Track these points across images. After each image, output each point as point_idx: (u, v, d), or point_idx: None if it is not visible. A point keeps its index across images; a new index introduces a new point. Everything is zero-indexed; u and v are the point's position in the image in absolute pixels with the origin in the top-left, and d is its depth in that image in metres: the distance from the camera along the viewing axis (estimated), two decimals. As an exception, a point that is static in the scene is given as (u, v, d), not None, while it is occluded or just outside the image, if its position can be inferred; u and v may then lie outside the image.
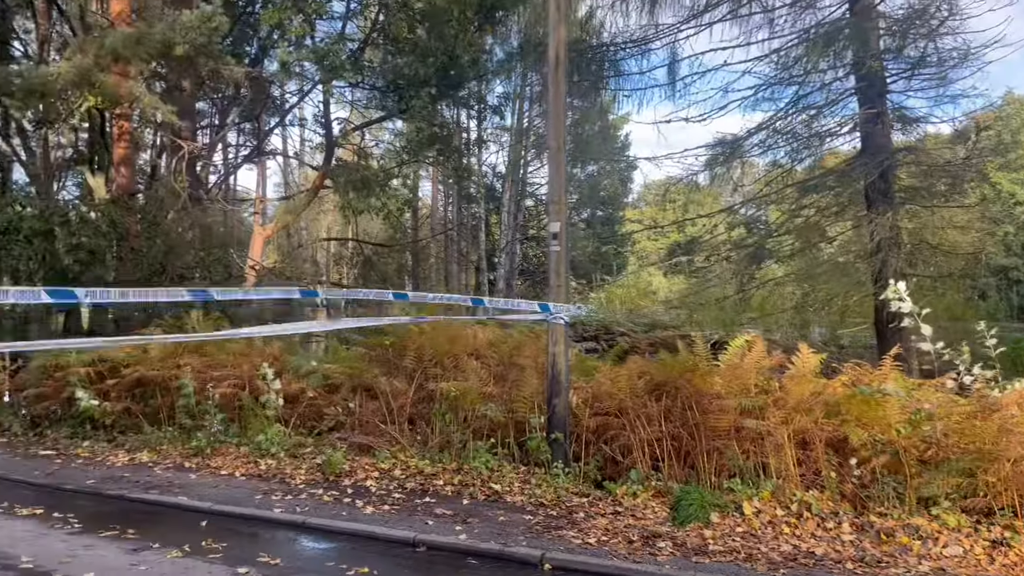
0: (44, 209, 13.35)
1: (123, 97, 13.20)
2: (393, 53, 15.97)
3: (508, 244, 24.75)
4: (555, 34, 8.36)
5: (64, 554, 5.80)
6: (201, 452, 9.03)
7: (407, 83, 15.07)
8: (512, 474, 7.94)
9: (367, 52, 16.78)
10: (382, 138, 23.80)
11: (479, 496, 7.43)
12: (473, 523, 6.61)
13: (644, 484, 7.42)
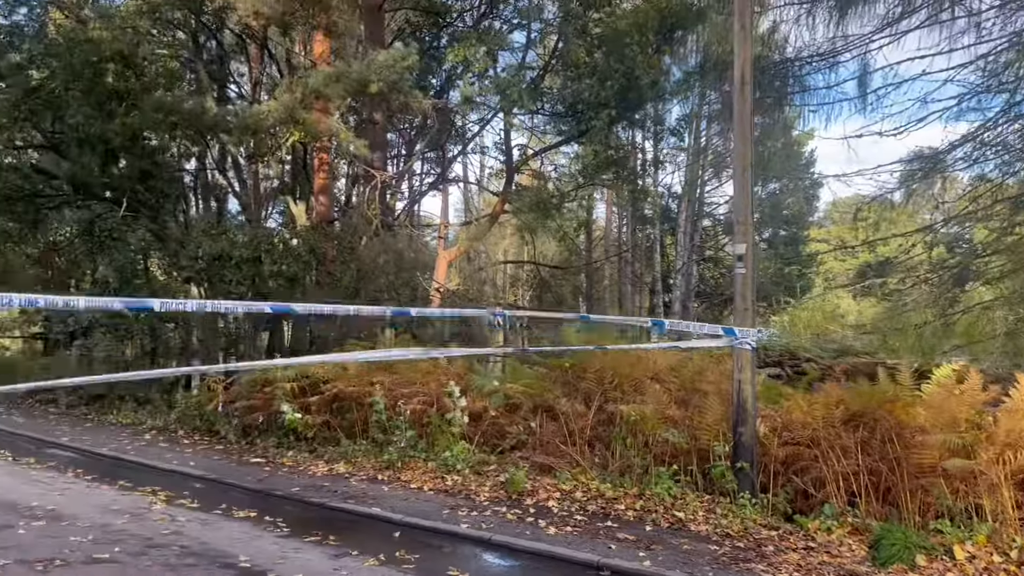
0: (253, 238, 14.61)
1: (323, 132, 14.26)
2: (572, 78, 16.23)
3: (684, 265, 24.30)
4: (740, 51, 8.20)
5: (276, 555, 6.29)
6: (392, 465, 9.51)
7: (585, 107, 15.25)
8: (696, 502, 7.77)
9: (546, 79, 17.16)
10: (558, 161, 24.18)
11: (662, 523, 7.33)
12: (657, 550, 6.53)
13: (839, 519, 7.04)
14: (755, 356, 8.18)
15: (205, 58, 17.82)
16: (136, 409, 14.69)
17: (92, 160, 15.15)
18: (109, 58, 13.70)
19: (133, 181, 15.58)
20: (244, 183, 19.20)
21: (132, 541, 6.51)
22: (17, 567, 5.72)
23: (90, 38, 13.84)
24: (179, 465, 10.09)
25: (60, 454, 11.11)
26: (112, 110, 14.21)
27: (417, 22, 18.75)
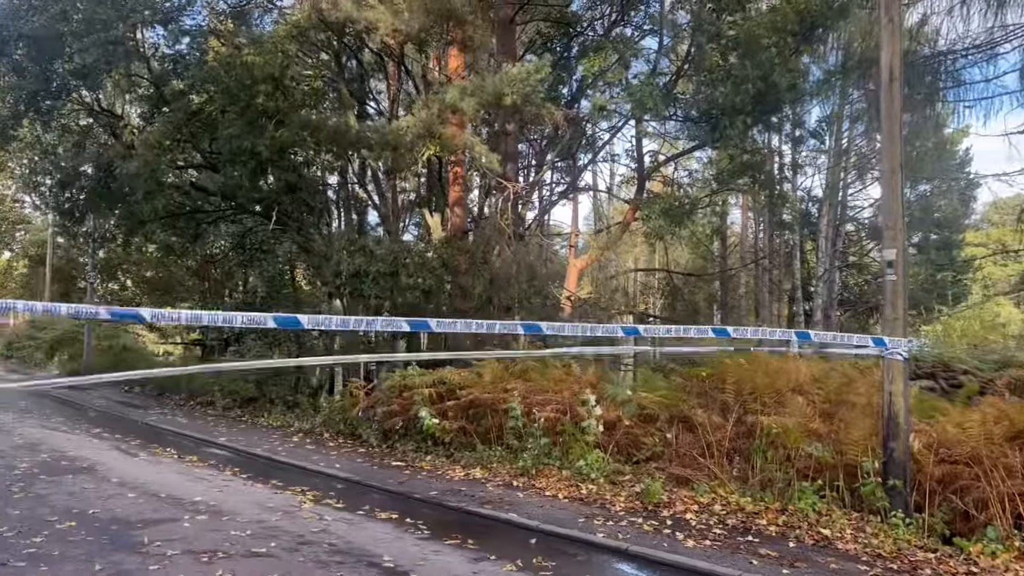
0: (390, 252, 15.15)
1: (458, 146, 14.63)
2: (705, 83, 15.94)
3: (826, 272, 23.27)
4: (888, 46, 7.82)
5: (418, 557, 6.48)
6: (527, 472, 9.60)
7: (720, 112, 14.94)
8: (843, 520, 7.42)
9: (679, 84, 16.93)
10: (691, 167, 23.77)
11: (806, 540, 7.05)
12: (802, 567, 6.29)
13: (1004, 543, 6.54)
14: (907, 367, 7.74)
15: (346, 77, 18.67)
16: (285, 412, 15.50)
17: (244, 173, 16.15)
18: (261, 80, 14.58)
19: (280, 195, 16.49)
20: (383, 196, 19.94)
21: (286, 537, 6.88)
22: (184, 557, 6.15)
23: (244, 62, 14.79)
24: (325, 467, 10.56)
25: (218, 453, 11.88)
26: (263, 128, 15.12)
27: (548, 33, 18.93)
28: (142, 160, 15.60)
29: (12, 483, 8.71)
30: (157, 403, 17.95)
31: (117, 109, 20.94)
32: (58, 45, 15.81)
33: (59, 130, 20.23)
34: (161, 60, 18.34)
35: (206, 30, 18.20)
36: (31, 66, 16.51)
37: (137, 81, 19.28)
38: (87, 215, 21.56)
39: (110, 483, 8.96)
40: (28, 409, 15.95)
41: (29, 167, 23.99)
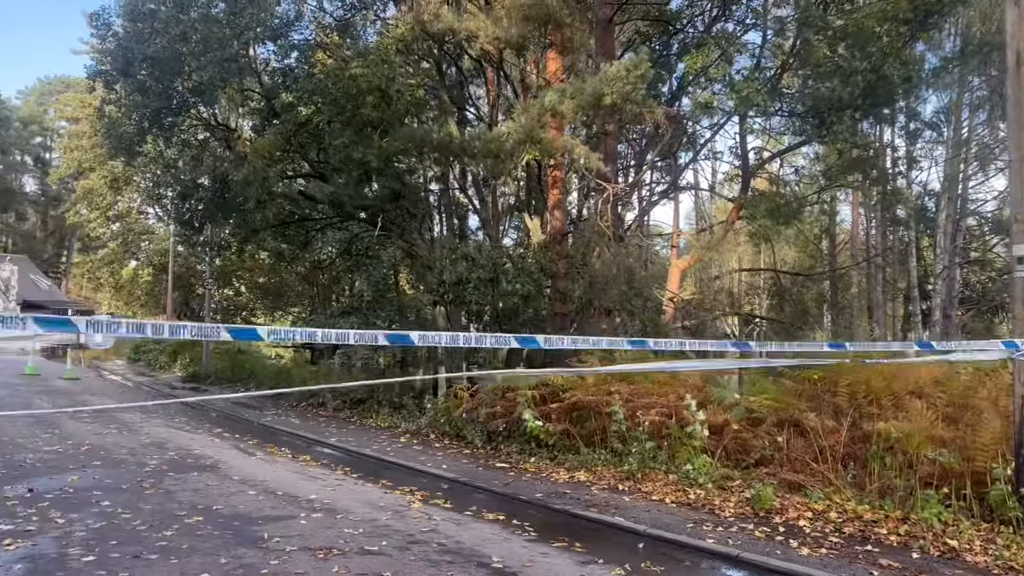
0: (490, 259, 15.30)
1: (558, 149, 14.65)
2: (812, 77, 15.42)
3: (945, 269, 22.08)
4: (1015, 28, 7.36)
5: (526, 558, 6.52)
6: (632, 476, 9.51)
7: (827, 106, 14.42)
8: (971, 530, 7.03)
9: (784, 78, 16.44)
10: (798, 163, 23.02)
11: (931, 551, 6.71)
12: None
13: None
14: (1040, 370, 7.27)
15: (447, 84, 19.00)
16: (392, 413, 15.86)
17: (350, 182, 16.65)
18: (367, 91, 15.00)
19: (385, 202, 16.90)
20: (483, 200, 20.18)
21: (396, 536, 7.04)
22: (302, 553, 6.38)
23: (351, 75, 15.25)
24: (432, 467, 10.76)
25: (330, 452, 12.28)
26: (368, 137, 15.54)
27: (647, 32, 18.75)
28: (251, 168, 16.29)
29: (143, 479, 9.26)
30: (272, 404, 18.68)
31: (231, 123, 21.96)
32: (178, 65, 16.71)
33: (179, 145, 21.36)
34: (271, 74, 19.13)
35: (313, 44, 18.87)
36: (154, 85, 17.51)
37: (249, 95, 20.18)
38: (205, 225, 22.68)
39: (231, 480, 9.40)
40: (154, 410, 16.89)
41: (153, 180, 25.45)
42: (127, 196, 44.72)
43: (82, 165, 52.83)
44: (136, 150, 20.42)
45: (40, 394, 19.11)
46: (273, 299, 32.21)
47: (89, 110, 48.96)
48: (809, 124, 15.91)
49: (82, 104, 60.06)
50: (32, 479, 9.04)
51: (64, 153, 69.41)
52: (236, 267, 31.77)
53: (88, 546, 6.35)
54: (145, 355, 33.48)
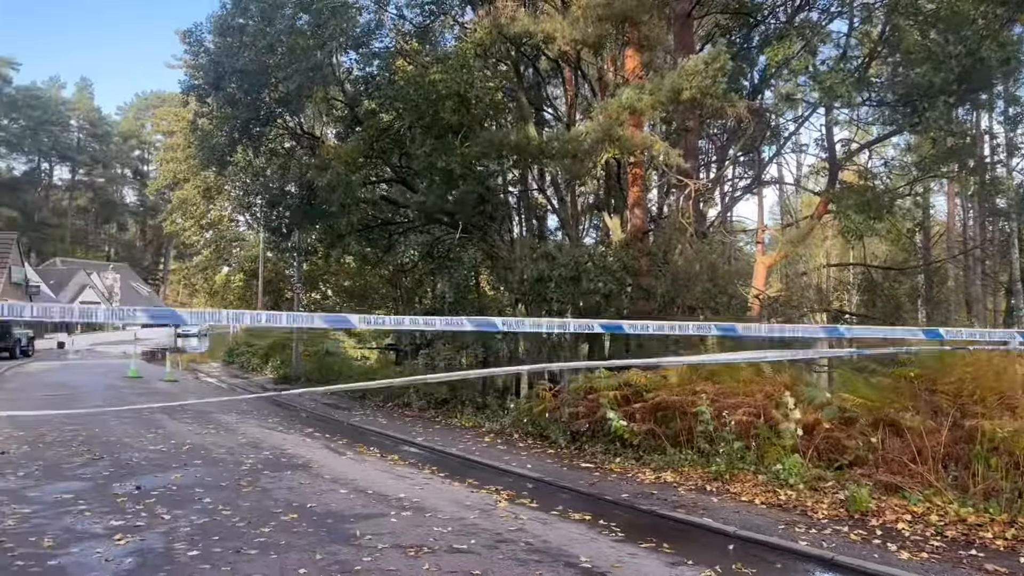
0: (571, 258, 15.27)
1: (637, 146, 14.53)
2: (902, 64, 14.86)
3: (1050, 261, 20.97)
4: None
5: (614, 559, 6.50)
6: (720, 476, 9.37)
7: (919, 94, 13.87)
8: (1085, 536, 6.67)
9: (871, 67, 15.89)
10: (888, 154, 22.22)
11: (1042, 557, 6.40)
12: (1037, 587, 5.72)
13: None
14: None
15: (524, 85, 19.08)
16: (475, 413, 16.05)
17: (434, 189, 16.91)
18: (446, 96, 15.21)
19: (468, 206, 17.10)
20: (562, 200, 20.18)
21: (484, 535, 7.13)
22: (393, 551, 6.53)
23: (430, 80, 15.49)
24: (516, 467, 10.83)
25: (416, 452, 12.50)
26: (449, 143, 15.75)
27: (727, 25, 18.41)
28: (335, 172, 16.72)
29: (240, 478, 9.63)
30: (359, 405, 19.13)
31: (316, 131, 22.59)
32: (265, 77, 17.31)
33: (267, 154, 22.12)
34: (354, 82, 19.61)
35: (393, 51, 19.26)
36: (243, 97, 18.19)
37: (333, 103, 20.74)
38: (292, 231, 23.39)
39: (323, 479, 9.68)
40: (248, 410, 17.53)
41: (242, 189, 26.42)
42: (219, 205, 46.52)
43: (177, 176, 55.24)
44: (227, 160, 21.24)
45: (142, 395, 20.06)
46: (358, 302, 32.94)
47: (183, 123, 51.16)
48: (900, 113, 15.35)
49: (176, 117, 62.79)
50: (139, 477, 9.52)
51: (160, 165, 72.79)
52: (323, 271, 32.66)
53: (192, 541, 6.65)
54: (238, 358, 34.73)
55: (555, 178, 19.69)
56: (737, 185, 22.83)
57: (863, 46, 16.49)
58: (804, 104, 16.29)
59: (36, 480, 9.27)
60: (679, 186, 16.00)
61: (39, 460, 10.55)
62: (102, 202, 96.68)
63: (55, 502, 8.11)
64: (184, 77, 26.56)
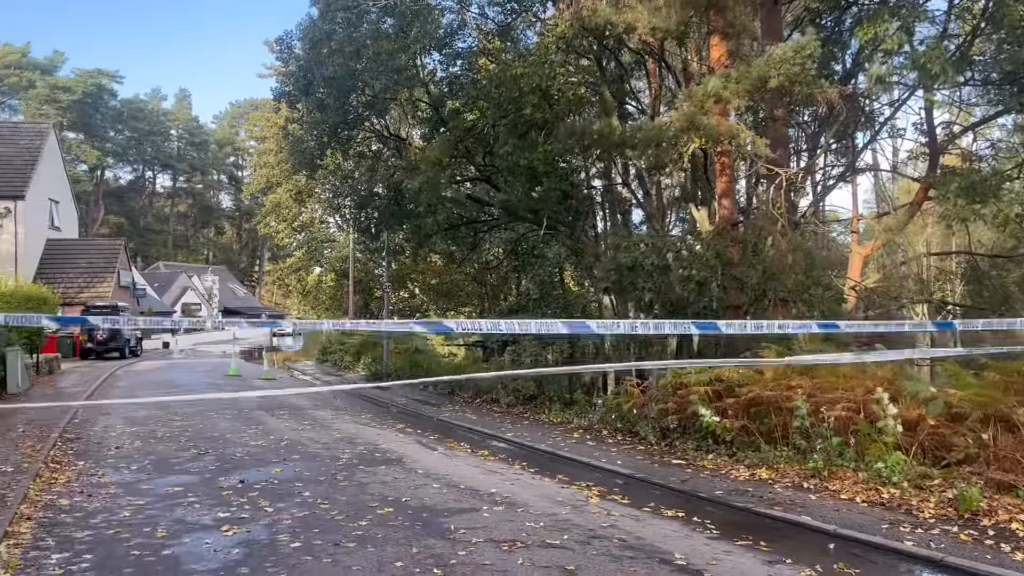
0: (660, 247, 15.08)
1: (722, 135, 14.22)
2: (1007, 41, 14.07)
3: None
4: None
5: (709, 556, 6.41)
6: (818, 474, 9.10)
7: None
8: None
9: (974, 45, 15.11)
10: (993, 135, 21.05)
11: None
12: None
13: None
14: None
15: (607, 79, 18.94)
16: (563, 409, 16.04)
17: (518, 186, 16.99)
18: (528, 92, 15.24)
19: (552, 202, 17.11)
20: (647, 194, 19.97)
21: (577, 531, 7.13)
22: (487, 545, 6.60)
23: (512, 75, 15.56)
24: (607, 463, 10.78)
25: (505, 447, 12.59)
26: (532, 140, 15.78)
27: (816, 8, 17.81)
28: (425, 176, 16.98)
29: (337, 472, 9.90)
30: (448, 401, 19.40)
31: (402, 132, 23.02)
32: (352, 81, 17.74)
33: (355, 157, 22.66)
34: (438, 83, 19.89)
35: (476, 51, 19.42)
36: (332, 102, 18.69)
37: (418, 105, 21.08)
38: (381, 231, 23.90)
39: (416, 474, 9.86)
40: (342, 407, 18.00)
41: (332, 191, 27.14)
42: (310, 207, 47.85)
43: (270, 180, 57.08)
44: (317, 164, 21.87)
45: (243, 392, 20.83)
46: (445, 300, 33.40)
47: (275, 129, 52.85)
48: (1006, 92, 14.55)
49: (268, 123, 64.90)
50: (242, 471, 9.90)
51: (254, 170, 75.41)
52: (410, 270, 33.24)
53: (294, 533, 6.88)
54: (331, 356, 35.67)
55: (639, 171, 19.49)
56: (830, 173, 22.07)
57: (964, 23, 15.70)
58: (900, 87, 15.63)
59: (148, 474, 9.75)
60: (769, 176, 15.59)
61: (151, 455, 11.10)
62: (200, 207, 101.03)
63: (166, 495, 8.52)
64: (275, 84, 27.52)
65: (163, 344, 47.56)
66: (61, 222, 40.19)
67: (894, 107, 18.54)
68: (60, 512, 7.64)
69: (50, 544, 6.52)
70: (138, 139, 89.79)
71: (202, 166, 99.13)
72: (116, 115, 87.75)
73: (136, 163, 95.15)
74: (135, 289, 45.63)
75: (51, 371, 24.24)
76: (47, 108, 77.02)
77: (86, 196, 78.88)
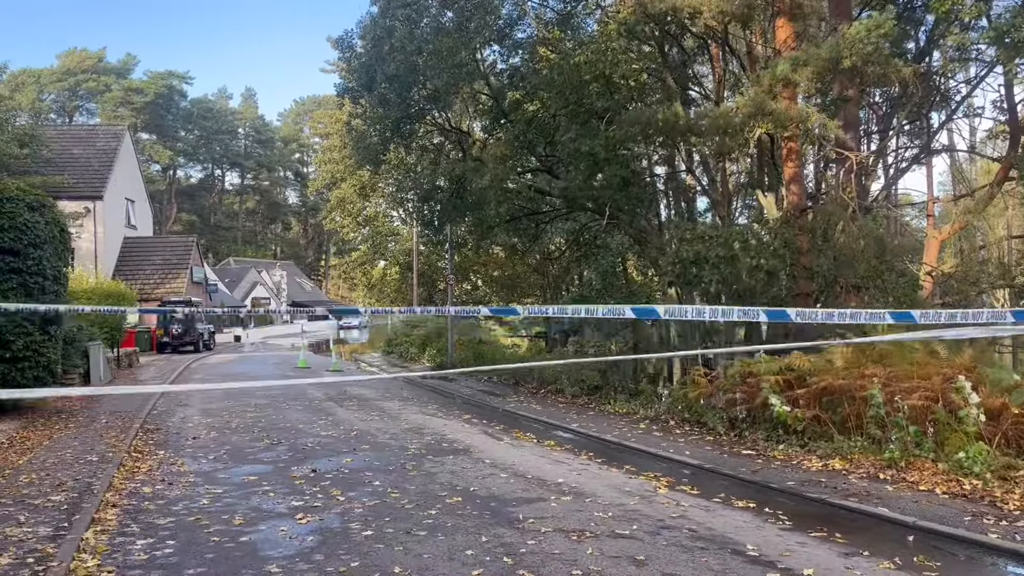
0: (727, 237, 14.81)
1: (791, 119, 13.88)
2: (1094, 10, 13.38)
3: None
4: None
5: (782, 548, 6.29)
6: (895, 464, 8.85)
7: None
8: None
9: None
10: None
11: None
12: None
13: None
14: None
15: (669, 64, 18.66)
16: (628, 400, 15.93)
17: (579, 175, 16.89)
18: (591, 80, 15.14)
19: (614, 191, 16.95)
20: (712, 181, 19.61)
21: (646, 521, 7.08)
22: (556, 535, 6.61)
23: (574, 63, 15.47)
24: (674, 453, 10.68)
25: (571, 438, 12.58)
26: (594, 128, 15.66)
27: (888, -16, 17.22)
28: (492, 174, 17.03)
29: (406, 462, 10.04)
30: (513, 392, 19.46)
31: (463, 126, 23.11)
32: (414, 76, 17.88)
33: (417, 151, 22.86)
34: (498, 75, 19.91)
35: (536, 40, 19.35)
36: (394, 97, 18.88)
37: (479, 97, 21.13)
38: (444, 224, 24.06)
39: (484, 464, 9.93)
40: (409, 398, 18.24)
41: (395, 185, 27.46)
42: (374, 202, 48.52)
43: (335, 176, 58.08)
44: (380, 158, 22.13)
45: (313, 386, 21.28)
46: (508, 291, 33.50)
47: (338, 125, 53.69)
48: (1093, 65, 13.85)
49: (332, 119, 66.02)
50: (314, 460, 10.13)
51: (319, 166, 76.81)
52: (473, 262, 33.43)
53: (366, 521, 7.01)
54: (397, 347, 36.15)
55: (704, 158, 19.16)
56: (903, 156, 21.37)
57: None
58: (978, 63, 15.02)
59: (224, 463, 10.05)
60: (838, 160, 15.18)
61: (226, 445, 11.44)
62: (268, 204, 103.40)
63: (242, 483, 8.77)
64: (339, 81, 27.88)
65: (235, 338, 48.91)
66: (137, 220, 41.67)
67: (972, 85, 17.82)
68: (143, 500, 7.94)
69: (135, 530, 6.77)
70: (207, 138, 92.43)
71: (268, 163, 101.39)
72: (186, 115, 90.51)
73: (206, 162, 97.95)
74: (207, 284, 47.01)
75: (131, 364, 25.19)
76: (122, 110, 79.89)
77: (159, 195, 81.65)
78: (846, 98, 15.19)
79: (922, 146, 19.56)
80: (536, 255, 28.26)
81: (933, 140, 19.68)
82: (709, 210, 21.13)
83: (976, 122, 24.17)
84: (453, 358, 27.18)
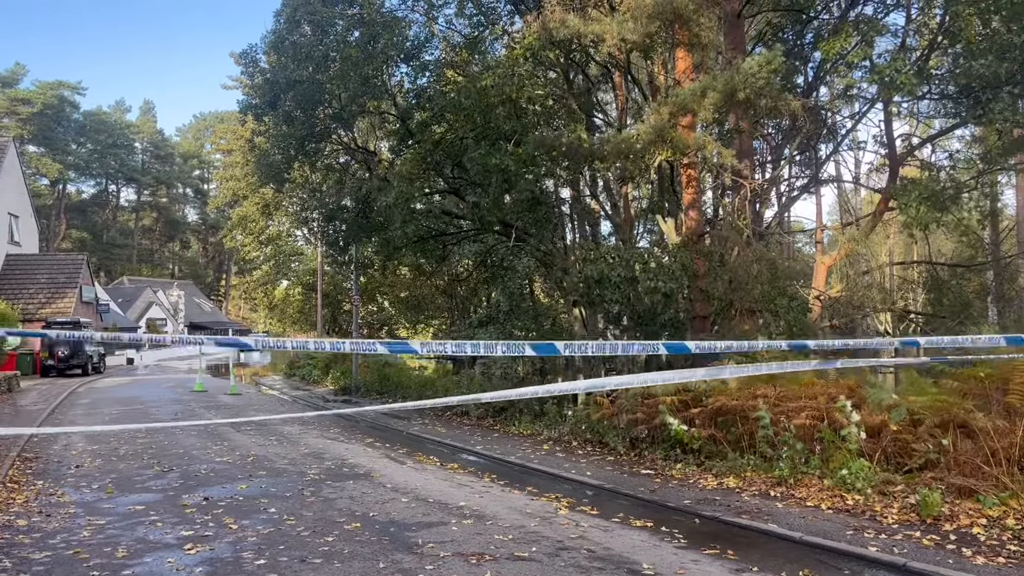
0: (628, 259, 15.16)
1: (690, 147, 14.39)
2: (963, 55, 14.41)
3: None
4: None
5: (677, 566, 6.42)
6: (784, 481, 9.19)
7: (982, 85, 13.43)
8: None
9: (932, 59, 15.46)
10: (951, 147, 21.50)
11: None
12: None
13: None
14: None
15: (574, 91, 19.08)
16: (533, 421, 16.01)
17: (490, 191, 17.00)
18: (498, 103, 15.31)
19: (523, 209, 17.13)
20: (615, 205, 20.08)
21: (545, 543, 7.11)
22: (455, 559, 6.56)
23: (481, 87, 15.61)
24: (576, 474, 10.79)
25: (475, 460, 12.54)
26: (502, 149, 15.81)
27: (778, 23, 18.12)
28: (397, 192, 16.95)
29: (304, 487, 9.78)
30: (418, 414, 19.25)
31: (370, 145, 22.95)
32: (319, 93, 17.66)
33: (323, 170, 22.54)
34: (405, 95, 19.87)
35: (444, 62, 19.44)
36: (299, 115, 18.58)
37: (386, 117, 21.02)
38: (349, 244, 23.74)
39: (385, 488, 9.78)
40: (309, 421, 17.82)
41: (300, 204, 26.94)
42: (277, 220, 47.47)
43: (236, 193, 56.59)
44: (284, 177, 21.71)
45: (210, 409, 20.56)
46: (414, 312, 33.28)
47: (241, 142, 52.45)
48: (963, 105, 14.87)
49: (234, 136, 64.43)
50: (207, 488, 9.75)
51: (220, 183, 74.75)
52: (379, 283, 33.05)
53: (259, 550, 6.78)
54: (299, 370, 35.34)
55: (607, 183, 19.62)
56: (794, 185, 22.40)
57: (922, 37, 16.07)
58: (861, 100, 15.93)
59: (109, 493, 9.56)
60: (735, 187, 15.78)
61: (112, 473, 10.89)
62: (166, 221, 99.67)
63: (128, 513, 8.35)
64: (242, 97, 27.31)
65: (127, 360, 46.80)
66: (21, 237, 39.46)
67: (855, 119, 18.89)
68: (17, 533, 7.45)
69: (6, 566, 6.35)
70: (101, 152, 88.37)
71: (167, 179, 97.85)
72: (78, 128, 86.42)
73: (99, 177, 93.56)
74: (98, 304, 44.85)
75: (10, 389, 23.73)
76: (7, 121, 75.74)
77: (47, 210, 77.58)
78: (740, 129, 15.84)
79: (811, 176, 20.55)
80: (444, 276, 28.20)
81: (821, 171, 20.72)
82: (613, 234, 21.59)
83: (860, 155, 25.65)
84: (358, 381, 26.74)
